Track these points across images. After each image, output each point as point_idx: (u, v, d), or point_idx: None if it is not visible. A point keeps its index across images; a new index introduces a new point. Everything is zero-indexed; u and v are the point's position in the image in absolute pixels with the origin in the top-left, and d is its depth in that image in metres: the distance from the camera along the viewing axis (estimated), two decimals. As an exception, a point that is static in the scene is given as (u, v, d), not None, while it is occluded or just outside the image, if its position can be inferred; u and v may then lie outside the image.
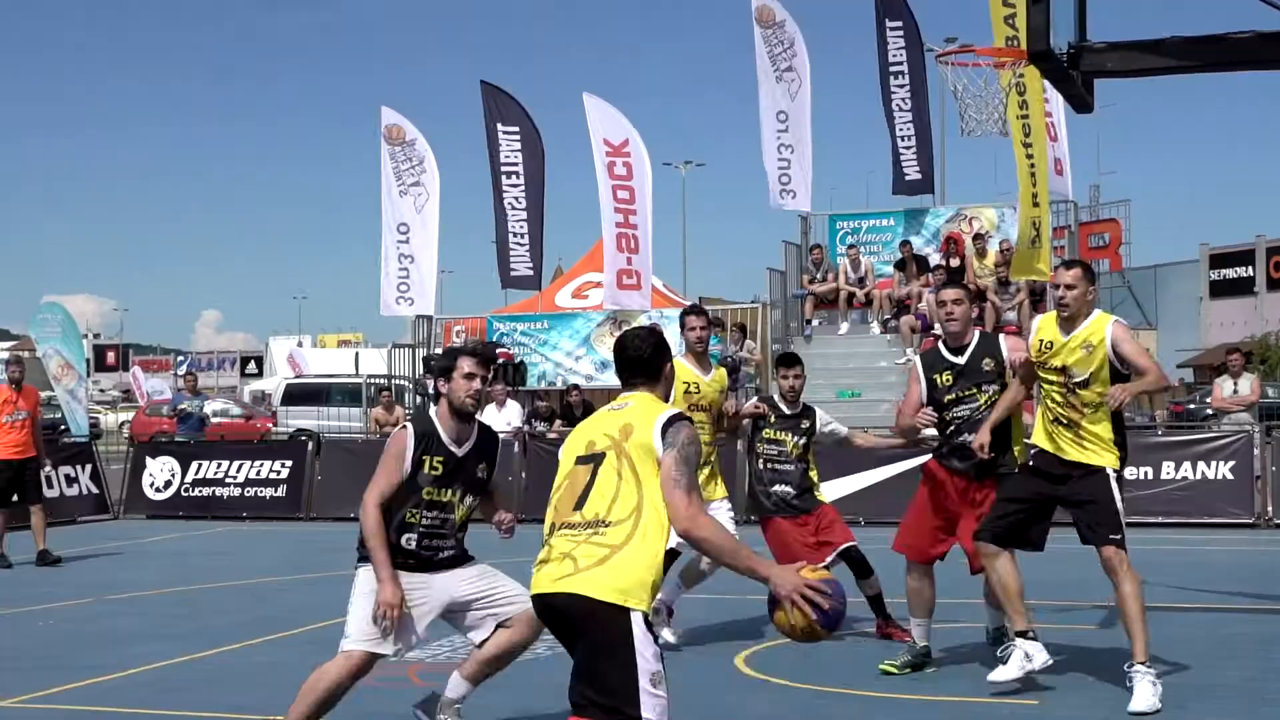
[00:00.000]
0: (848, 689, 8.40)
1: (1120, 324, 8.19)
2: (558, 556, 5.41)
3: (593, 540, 5.37)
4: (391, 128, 26.18)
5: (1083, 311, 8.15)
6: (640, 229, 24.73)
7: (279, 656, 9.95)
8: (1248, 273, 72.17)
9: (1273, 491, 17.90)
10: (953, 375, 8.73)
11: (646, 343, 5.84)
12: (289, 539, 18.85)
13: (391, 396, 24.42)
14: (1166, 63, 10.08)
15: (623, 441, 5.54)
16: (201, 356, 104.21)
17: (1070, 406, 8.13)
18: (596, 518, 5.42)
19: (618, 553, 5.31)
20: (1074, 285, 8.11)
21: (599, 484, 5.50)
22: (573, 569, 5.32)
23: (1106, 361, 8.03)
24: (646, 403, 5.70)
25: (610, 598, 5.23)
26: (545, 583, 5.41)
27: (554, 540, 5.48)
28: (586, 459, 5.63)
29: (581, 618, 5.29)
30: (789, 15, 25.57)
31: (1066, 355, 8.11)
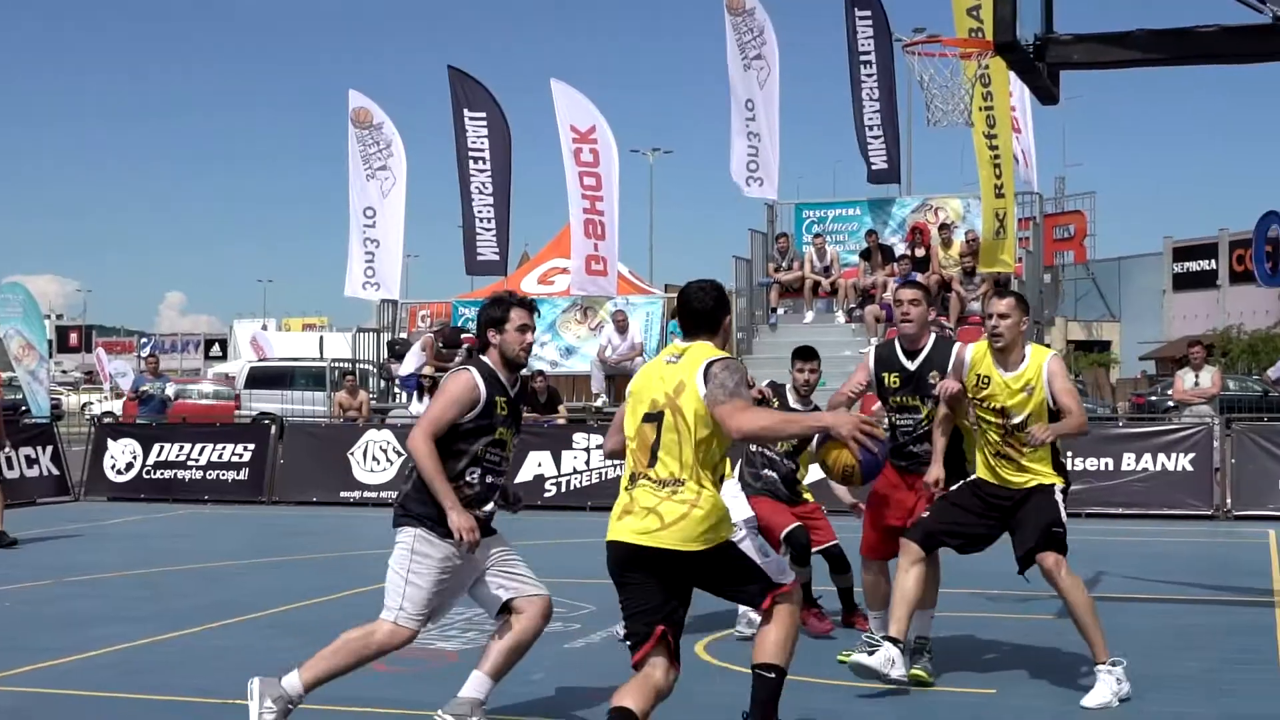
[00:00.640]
0: (807, 677, 8.42)
1: (1057, 359, 8.00)
2: (641, 510, 6.14)
3: (674, 498, 6.07)
4: (359, 111, 26.10)
5: (1016, 342, 7.94)
6: (607, 215, 24.72)
7: (239, 640, 9.93)
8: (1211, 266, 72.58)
9: (1232, 484, 18.02)
10: (900, 379, 8.45)
11: (710, 295, 6.39)
12: (251, 522, 18.81)
13: (355, 381, 24.37)
14: (1132, 55, 10.12)
15: (676, 399, 6.13)
16: (165, 339, 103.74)
17: (1009, 445, 7.96)
18: (671, 476, 6.11)
19: (695, 506, 6.04)
20: (1007, 315, 7.90)
21: (664, 443, 6.12)
22: (659, 524, 6.08)
23: (1045, 400, 7.84)
24: (697, 353, 6.21)
25: (704, 546, 6.07)
26: (630, 534, 6.15)
27: (636, 492, 6.20)
28: (651, 417, 6.21)
29: (683, 565, 6.10)
30: (759, 3, 25.56)
31: (1007, 397, 7.89)
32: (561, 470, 19.89)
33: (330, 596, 11.81)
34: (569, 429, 20.63)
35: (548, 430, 20.64)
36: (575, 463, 19.84)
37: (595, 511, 18.93)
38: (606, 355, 23.78)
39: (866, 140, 26.51)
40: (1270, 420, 19.95)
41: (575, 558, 14.72)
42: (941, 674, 8.42)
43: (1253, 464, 18.05)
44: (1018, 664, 8.87)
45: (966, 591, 11.01)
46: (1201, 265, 73.68)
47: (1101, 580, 12.40)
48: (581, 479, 19.70)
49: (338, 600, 11.66)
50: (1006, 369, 7.91)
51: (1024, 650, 9.24)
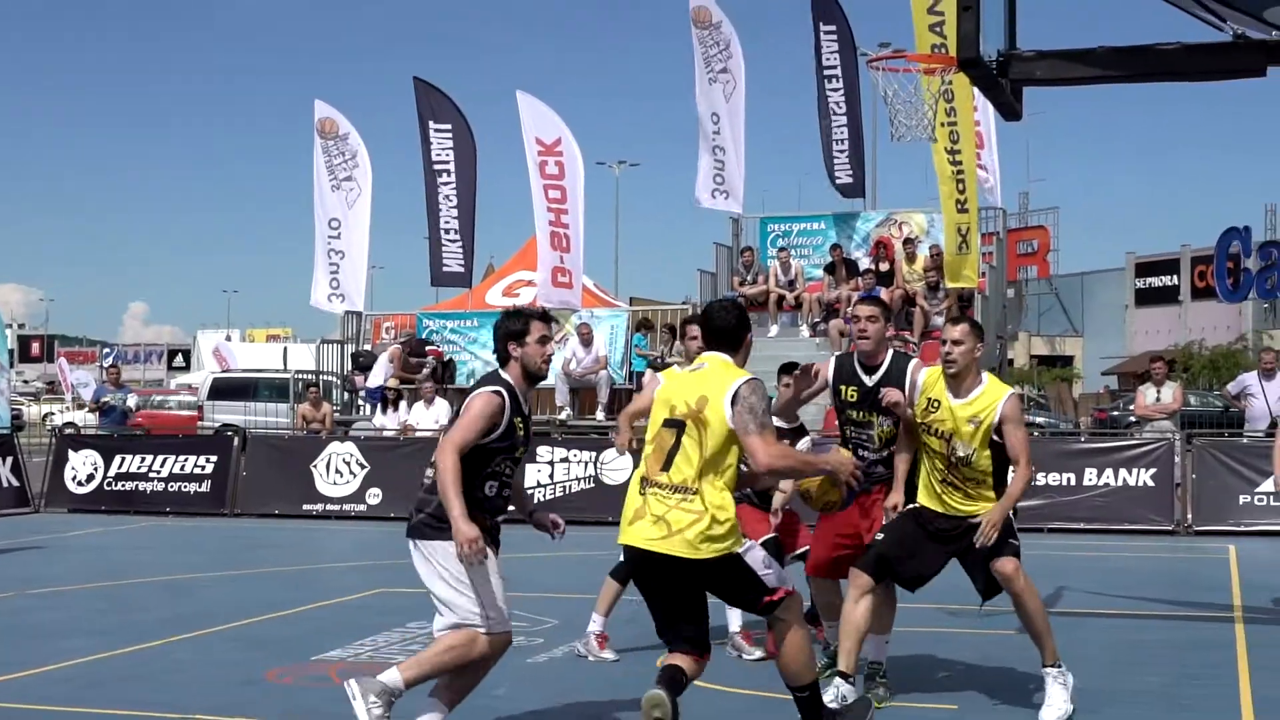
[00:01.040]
0: (769, 693, 8.40)
1: (1014, 401, 7.87)
2: (651, 517, 6.54)
3: (682, 506, 6.47)
4: (324, 121, 26.04)
5: (970, 369, 7.86)
6: (572, 228, 24.69)
7: (201, 653, 9.88)
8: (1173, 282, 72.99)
9: (1192, 499, 18.11)
10: (858, 394, 8.38)
11: (731, 314, 6.88)
12: (213, 535, 18.72)
13: (319, 392, 24.26)
14: (1094, 72, 10.16)
15: (699, 412, 6.54)
16: (128, 349, 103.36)
17: (954, 475, 7.90)
18: (684, 483, 6.51)
19: (704, 516, 6.44)
20: (961, 341, 7.82)
21: (683, 450, 6.53)
22: (667, 531, 6.48)
23: (989, 438, 7.78)
24: (720, 368, 6.68)
25: (711, 554, 6.46)
26: (640, 539, 6.55)
27: (647, 497, 6.59)
28: (671, 423, 6.63)
29: (689, 572, 6.52)
30: (725, 17, 25.61)
31: (956, 424, 7.82)
32: (525, 483, 19.79)
33: (293, 610, 11.77)
34: (533, 442, 20.53)
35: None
36: (539, 476, 19.80)
37: (559, 524, 18.89)
38: (571, 368, 23.75)
39: (832, 154, 26.59)
40: (1231, 436, 20.07)
41: (539, 571, 14.70)
42: (902, 691, 8.43)
43: (1213, 479, 18.15)
44: (978, 680, 8.89)
45: (926, 607, 11.02)
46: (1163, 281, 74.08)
47: (1062, 595, 12.45)
48: (545, 492, 19.66)
49: (301, 614, 11.61)
50: (958, 395, 7.86)
51: (985, 666, 9.26)
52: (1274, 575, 13.79)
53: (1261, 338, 59.03)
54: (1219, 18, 9.90)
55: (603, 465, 19.46)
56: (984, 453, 7.82)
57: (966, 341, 7.83)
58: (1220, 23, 9.91)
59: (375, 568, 15.09)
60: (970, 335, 7.86)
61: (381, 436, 21.81)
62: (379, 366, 23.80)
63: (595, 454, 19.61)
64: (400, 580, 13.78)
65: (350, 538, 18.52)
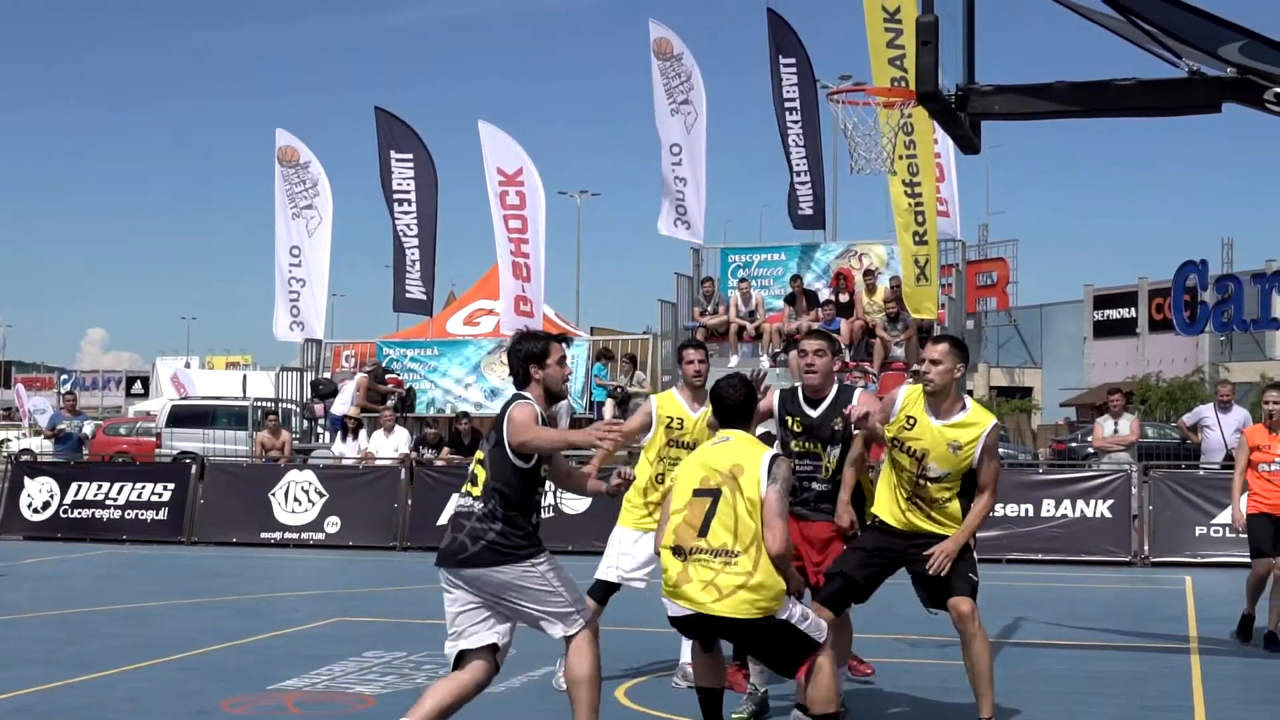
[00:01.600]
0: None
1: (996, 432, 7.82)
2: (700, 582, 6.85)
3: (728, 570, 6.81)
4: (285, 150, 26.01)
5: (949, 390, 7.82)
6: (533, 258, 24.68)
7: (156, 682, 9.80)
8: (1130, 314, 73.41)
9: (1149, 530, 18.19)
10: (803, 425, 8.40)
11: (739, 390, 7.31)
12: (170, 563, 18.60)
13: (278, 420, 24.17)
14: (1052, 107, 10.24)
15: (735, 479, 6.89)
16: (86, 375, 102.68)
17: (918, 494, 7.86)
18: (724, 547, 6.84)
19: (752, 578, 6.78)
20: (939, 361, 7.77)
21: (720, 516, 6.87)
22: (718, 595, 6.82)
23: (970, 467, 7.75)
24: (746, 442, 7.09)
25: (758, 615, 6.82)
26: (694, 603, 6.87)
27: (689, 564, 6.90)
28: (704, 492, 6.95)
29: (741, 631, 6.92)
30: (687, 49, 25.71)
31: (931, 444, 7.77)
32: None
33: (249, 639, 11.69)
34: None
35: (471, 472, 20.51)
36: (499, 505, 19.67)
37: (518, 554, 18.85)
38: (531, 397, 23.67)
39: (794, 186, 26.69)
40: (1188, 468, 20.16)
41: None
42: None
43: (1170, 511, 18.24)
44: (940, 712, 8.89)
45: (887, 637, 11.05)
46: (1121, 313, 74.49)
47: (1020, 626, 12.48)
48: (505, 521, 19.56)
49: (257, 643, 11.54)
50: (938, 416, 7.80)
51: (946, 701, 9.25)
52: (1230, 607, 13.81)
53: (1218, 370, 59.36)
54: (1175, 54, 10.00)
55: (562, 495, 19.41)
56: (956, 480, 7.80)
57: (945, 361, 7.78)
58: (1176, 59, 10.01)
59: (332, 596, 15.02)
60: (949, 355, 7.81)
61: (340, 465, 21.73)
62: (345, 393, 23.74)
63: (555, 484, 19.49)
64: (357, 609, 13.76)
65: (308, 566, 18.43)
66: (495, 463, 7.05)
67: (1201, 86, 9.97)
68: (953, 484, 7.82)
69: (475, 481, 7.12)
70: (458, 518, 7.13)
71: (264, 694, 9.25)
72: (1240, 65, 9.77)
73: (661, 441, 9.32)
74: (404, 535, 19.96)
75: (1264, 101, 9.77)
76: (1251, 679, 10.23)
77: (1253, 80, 9.78)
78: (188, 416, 36.32)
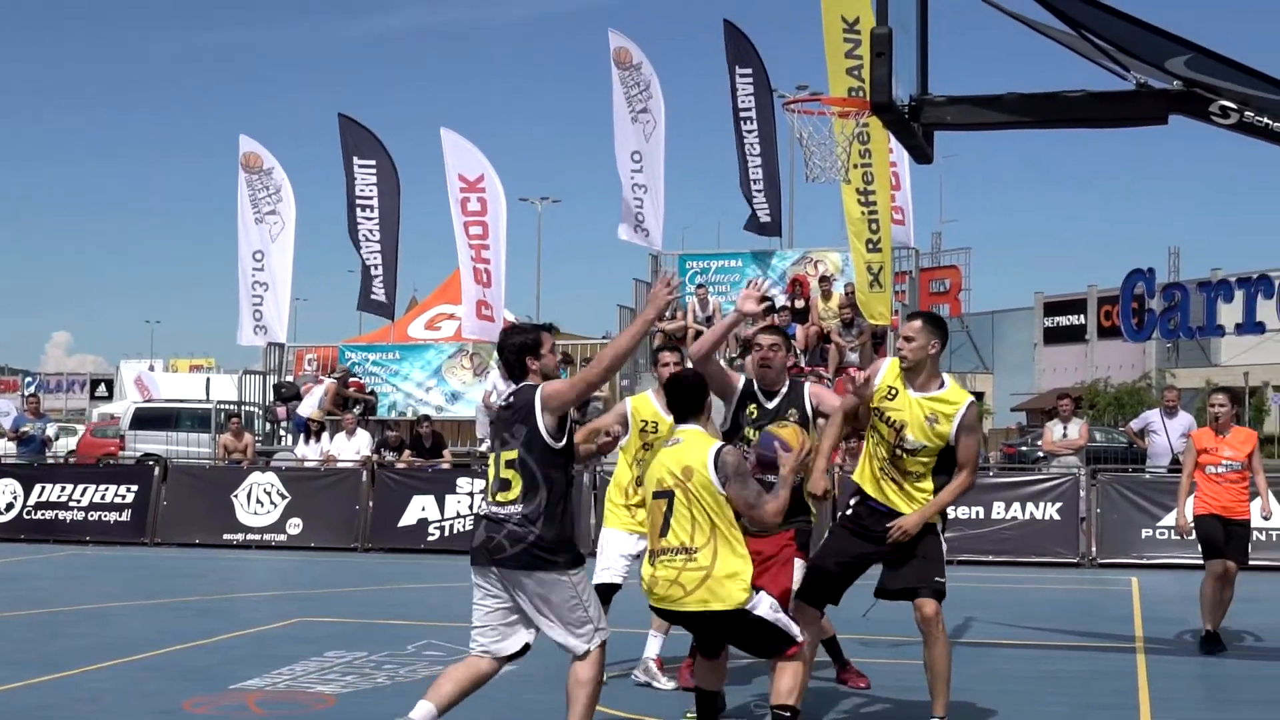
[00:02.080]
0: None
1: (973, 408, 7.86)
2: (665, 582, 7.10)
3: (689, 567, 7.03)
4: (249, 156, 25.94)
5: (923, 365, 7.85)
6: (493, 263, 24.70)
7: (119, 682, 9.74)
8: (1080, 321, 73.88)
9: (1097, 532, 18.29)
10: (758, 414, 8.33)
11: (691, 384, 7.51)
12: (132, 564, 18.50)
13: (240, 423, 24.07)
14: (1003, 118, 10.29)
15: (686, 482, 7.06)
16: (50, 378, 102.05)
17: (894, 466, 7.90)
18: (682, 545, 7.06)
19: (711, 573, 6.99)
20: (912, 338, 7.82)
21: (676, 517, 7.08)
22: (683, 593, 7.05)
23: (946, 442, 7.78)
24: (696, 439, 7.22)
25: (724, 608, 7.00)
26: (664, 603, 7.16)
27: (656, 566, 7.15)
28: (660, 494, 7.17)
29: (709, 623, 7.14)
30: (646, 58, 25.75)
31: (910, 416, 7.80)
32: (445, 514, 19.75)
33: (211, 639, 11.63)
34: (453, 473, 20.53)
35: (432, 475, 20.54)
36: (459, 507, 19.72)
37: (478, 555, 18.83)
38: (492, 400, 23.57)
39: (751, 194, 26.74)
40: (1134, 471, 20.29)
41: (457, 601, 14.62)
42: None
43: (1117, 513, 18.34)
44: (893, 710, 8.92)
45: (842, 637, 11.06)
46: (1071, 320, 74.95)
47: (971, 626, 12.53)
48: (465, 523, 19.55)
49: (219, 643, 11.48)
50: (915, 389, 7.86)
51: (902, 699, 9.28)
52: (1175, 607, 13.93)
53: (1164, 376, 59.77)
54: (1123, 67, 10.06)
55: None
56: (931, 454, 7.83)
57: (919, 338, 7.82)
58: (1124, 72, 10.07)
59: (294, 597, 14.97)
60: (923, 332, 7.86)
61: (302, 467, 21.66)
62: (312, 396, 23.66)
63: (514, 486, 19.49)
64: (318, 609, 13.71)
65: (270, 567, 18.36)
66: (532, 457, 7.00)
67: (1149, 99, 10.04)
68: (928, 459, 7.85)
69: (507, 488, 7.02)
70: (493, 521, 7.05)
71: (226, 693, 9.21)
72: (1186, 78, 9.84)
73: (637, 445, 9.39)
74: (365, 536, 19.90)
75: (1209, 114, 9.85)
76: (1196, 678, 10.30)
77: (1198, 93, 9.86)
78: (151, 419, 36.16)
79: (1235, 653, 11.10)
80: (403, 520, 19.80)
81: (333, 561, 18.72)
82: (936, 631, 7.78)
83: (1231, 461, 11.30)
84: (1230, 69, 9.83)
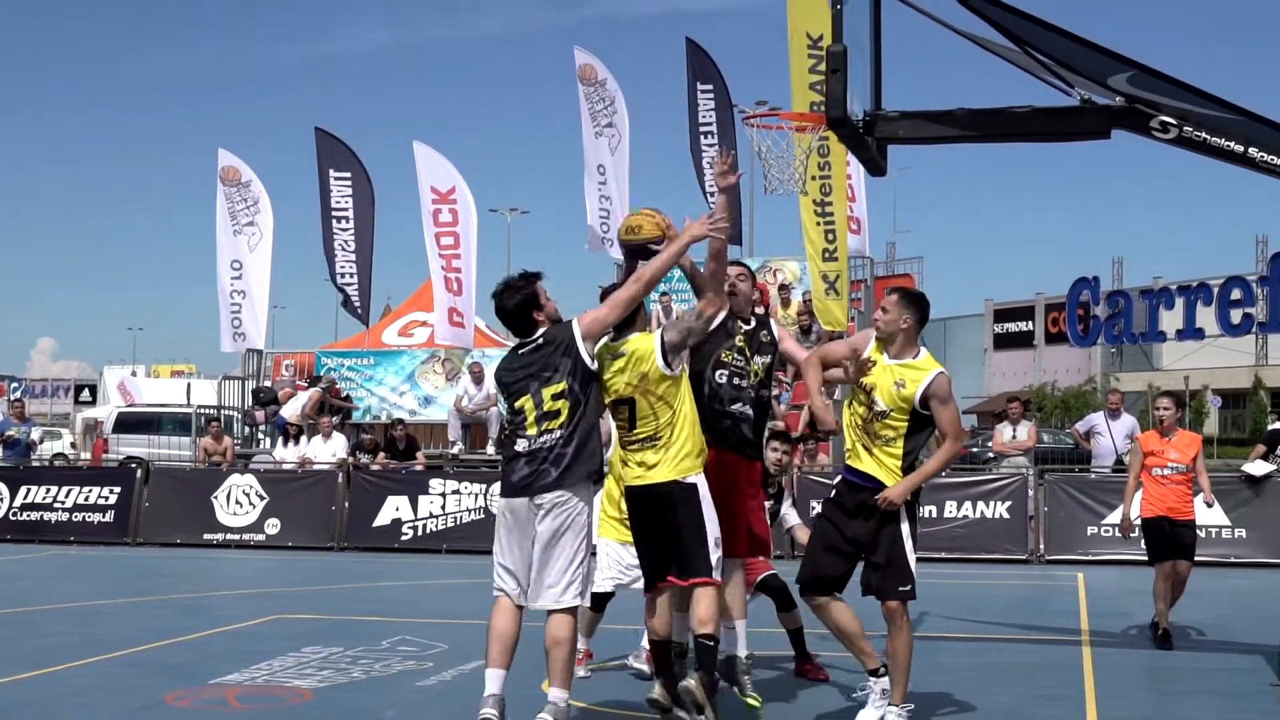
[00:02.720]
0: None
1: (943, 377, 7.86)
2: (635, 464, 7.62)
3: (653, 448, 7.55)
4: (227, 169, 25.83)
5: (896, 338, 7.89)
6: (464, 272, 24.66)
7: (99, 678, 9.67)
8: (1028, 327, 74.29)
9: (1044, 530, 18.37)
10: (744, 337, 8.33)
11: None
12: (116, 563, 18.40)
13: (220, 426, 23.98)
14: (953, 132, 10.33)
15: (645, 386, 7.54)
16: (36, 384, 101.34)
17: (866, 429, 7.90)
18: (651, 434, 7.56)
19: (670, 448, 7.53)
20: (887, 310, 7.92)
21: (640, 414, 7.56)
22: (645, 470, 7.57)
23: (910, 406, 7.77)
24: (640, 345, 7.64)
25: (677, 476, 7.51)
26: (632, 480, 7.65)
27: (626, 453, 7.67)
28: (619, 402, 7.61)
29: (664, 496, 7.53)
30: (610, 75, 25.75)
31: (879, 378, 7.85)
32: (418, 514, 19.71)
33: (192, 636, 11.57)
34: (426, 475, 20.49)
35: (406, 476, 20.50)
36: (432, 507, 19.69)
37: (451, 554, 18.82)
38: (463, 405, 23.66)
39: (709, 206, 26.70)
40: (1080, 471, 20.36)
41: (430, 598, 14.62)
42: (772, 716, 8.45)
43: (1063, 511, 18.43)
44: (846, 700, 8.93)
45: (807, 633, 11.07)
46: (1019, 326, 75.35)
47: (923, 620, 12.53)
48: (437, 523, 19.54)
49: (199, 639, 11.43)
50: (890, 356, 7.90)
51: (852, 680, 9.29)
52: (1119, 601, 14.00)
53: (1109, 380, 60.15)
54: (1067, 84, 10.11)
55: (492, 498, 19.38)
56: (900, 418, 7.81)
57: (891, 311, 7.91)
58: (1068, 88, 10.13)
59: (272, 595, 14.91)
60: (896, 305, 7.93)
61: (280, 469, 21.58)
62: (295, 401, 23.55)
63: (485, 486, 19.53)
64: (296, 606, 13.67)
65: (249, 566, 18.28)
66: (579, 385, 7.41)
67: (1092, 114, 10.09)
68: (896, 424, 7.81)
69: (554, 417, 7.37)
70: (536, 453, 7.36)
71: (205, 688, 9.17)
72: (1128, 95, 9.91)
73: None
74: (341, 536, 19.85)
75: (1150, 128, 9.91)
76: (1138, 669, 10.35)
77: (1139, 109, 9.92)
78: (134, 423, 36.08)
79: (1178, 645, 11.15)
80: (377, 520, 19.75)
81: (310, 560, 18.66)
82: (900, 624, 7.80)
83: (1176, 464, 11.27)
84: (1170, 85, 9.90)
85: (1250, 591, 13.95)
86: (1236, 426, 67.24)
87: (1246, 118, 9.81)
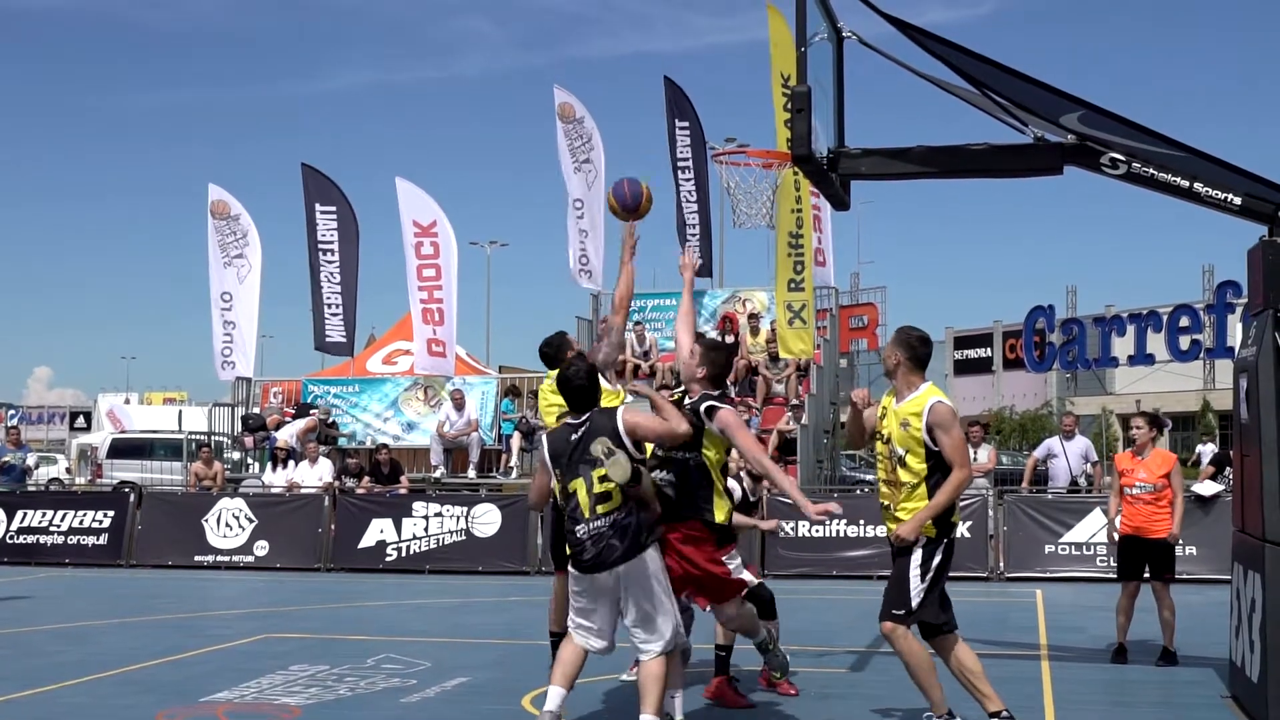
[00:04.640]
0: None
1: (941, 405, 7.75)
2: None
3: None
4: (217, 203, 25.80)
5: (899, 372, 7.89)
6: (445, 303, 24.67)
7: (93, 697, 9.62)
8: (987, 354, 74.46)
9: (1004, 549, 18.40)
10: None
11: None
12: (109, 585, 18.29)
13: (210, 452, 23.89)
14: (912, 169, 10.38)
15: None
16: (32, 410, 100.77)
17: (889, 478, 7.82)
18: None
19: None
20: (884, 349, 8.03)
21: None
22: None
23: (922, 442, 7.68)
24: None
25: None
26: None
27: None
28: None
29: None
30: (588, 113, 25.81)
31: (892, 425, 7.81)
32: (402, 536, 19.66)
33: (183, 655, 11.52)
34: (409, 498, 20.43)
35: (390, 499, 20.44)
36: (415, 529, 19.64)
37: (434, 575, 18.78)
38: (445, 430, 23.63)
39: (685, 237, 26.79)
40: (1037, 492, 20.39)
41: (414, 618, 14.57)
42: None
43: (1022, 531, 18.47)
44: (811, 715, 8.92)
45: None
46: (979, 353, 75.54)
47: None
48: (420, 544, 19.50)
49: (190, 658, 11.37)
50: (898, 400, 7.89)
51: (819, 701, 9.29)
52: (1076, 617, 14.03)
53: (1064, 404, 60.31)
54: (1022, 122, 10.19)
55: (473, 520, 19.38)
56: (916, 460, 7.71)
57: (885, 350, 8.04)
58: (1023, 126, 10.20)
59: (261, 615, 14.84)
60: (889, 345, 8.04)
61: (269, 493, 21.50)
62: (292, 427, 23.49)
63: (466, 509, 19.53)
64: (284, 626, 13.60)
65: (239, 587, 18.19)
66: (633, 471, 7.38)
67: (1045, 151, 10.16)
68: (915, 466, 7.71)
69: (607, 498, 7.39)
70: (601, 534, 7.38)
71: (196, 706, 9.12)
72: (1079, 133, 9.98)
73: None
74: (327, 557, 19.80)
75: (1100, 165, 9.98)
76: (1096, 682, 10.37)
77: (1090, 146, 9.99)
78: (127, 448, 35.93)
79: (1136, 658, 11.17)
80: (362, 542, 19.70)
81: (297, 581, 18.59)
82: (896, 644, 7.77)
83: (1144, 483, 11.14)
84: (1118, 124, 9.98)
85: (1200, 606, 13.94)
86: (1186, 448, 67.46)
87: (1191, 154, 9.89)
